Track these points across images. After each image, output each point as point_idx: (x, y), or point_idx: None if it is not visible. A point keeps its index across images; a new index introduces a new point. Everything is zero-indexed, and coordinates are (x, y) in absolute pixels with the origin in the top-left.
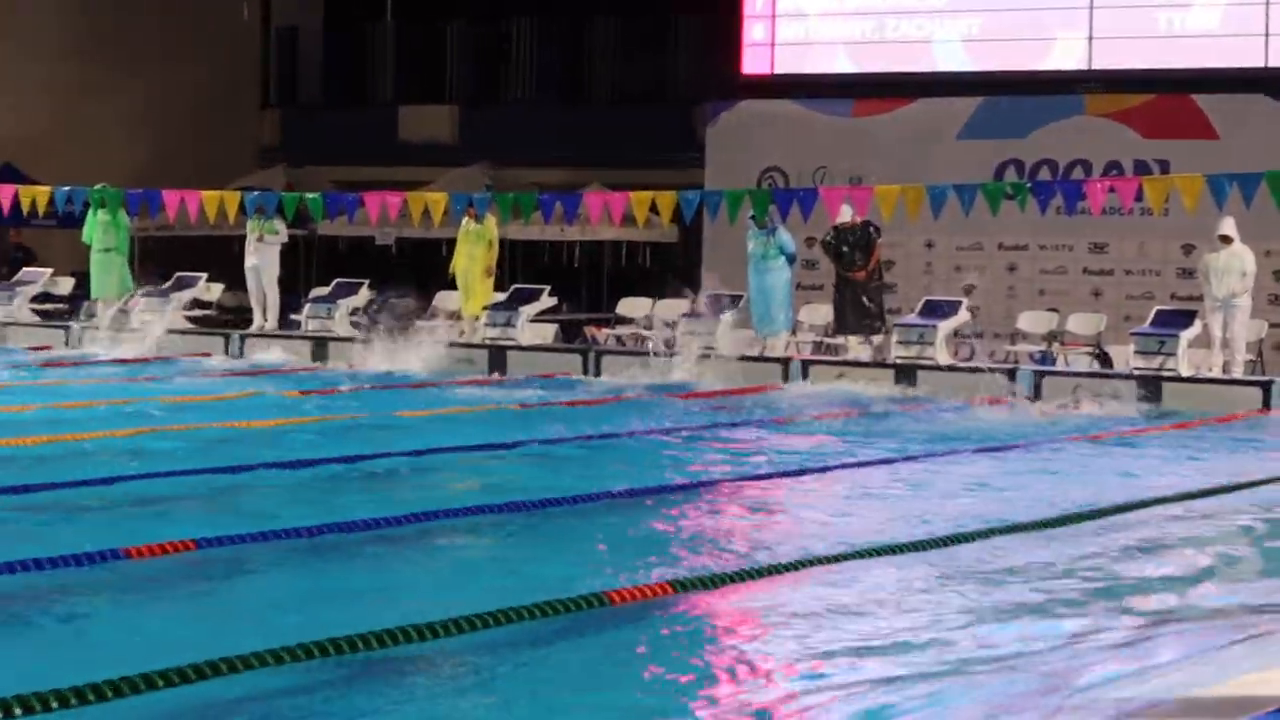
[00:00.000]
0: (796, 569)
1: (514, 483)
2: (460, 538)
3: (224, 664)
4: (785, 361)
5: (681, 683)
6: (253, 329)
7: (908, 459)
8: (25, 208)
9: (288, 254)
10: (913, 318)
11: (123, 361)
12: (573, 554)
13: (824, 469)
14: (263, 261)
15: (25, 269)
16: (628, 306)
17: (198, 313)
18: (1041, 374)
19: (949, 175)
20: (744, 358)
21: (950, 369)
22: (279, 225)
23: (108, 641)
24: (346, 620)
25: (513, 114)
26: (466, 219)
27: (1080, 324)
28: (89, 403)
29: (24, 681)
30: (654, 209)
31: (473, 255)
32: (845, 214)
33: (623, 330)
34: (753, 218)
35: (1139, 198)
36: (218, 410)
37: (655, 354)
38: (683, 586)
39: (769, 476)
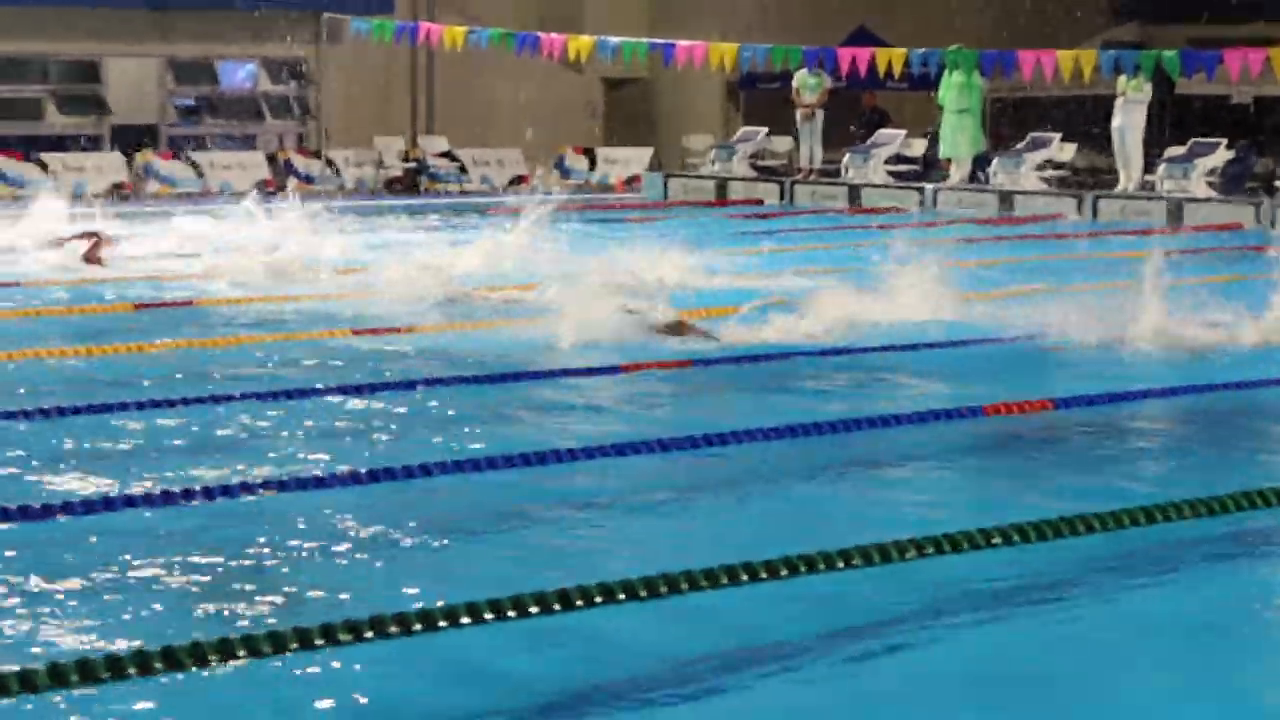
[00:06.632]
0: None
1: None
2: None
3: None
4: None
5: None
6: (1116, 190)
7: None
8: (881, 70)
9: None
10: None
11: (978, 221)
12: None
13: None
14: (1127, 121)
15: (880, 131)
16: None
17: (1051, 173)
18: None
19: None
20: None
21: None
22: (1144, 84)
23: None
24: None
25: None
26: None
27: None
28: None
29: None
30: None
31: None
32: None
33: None
34: None
35: None
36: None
37: None
38: None
39: None
